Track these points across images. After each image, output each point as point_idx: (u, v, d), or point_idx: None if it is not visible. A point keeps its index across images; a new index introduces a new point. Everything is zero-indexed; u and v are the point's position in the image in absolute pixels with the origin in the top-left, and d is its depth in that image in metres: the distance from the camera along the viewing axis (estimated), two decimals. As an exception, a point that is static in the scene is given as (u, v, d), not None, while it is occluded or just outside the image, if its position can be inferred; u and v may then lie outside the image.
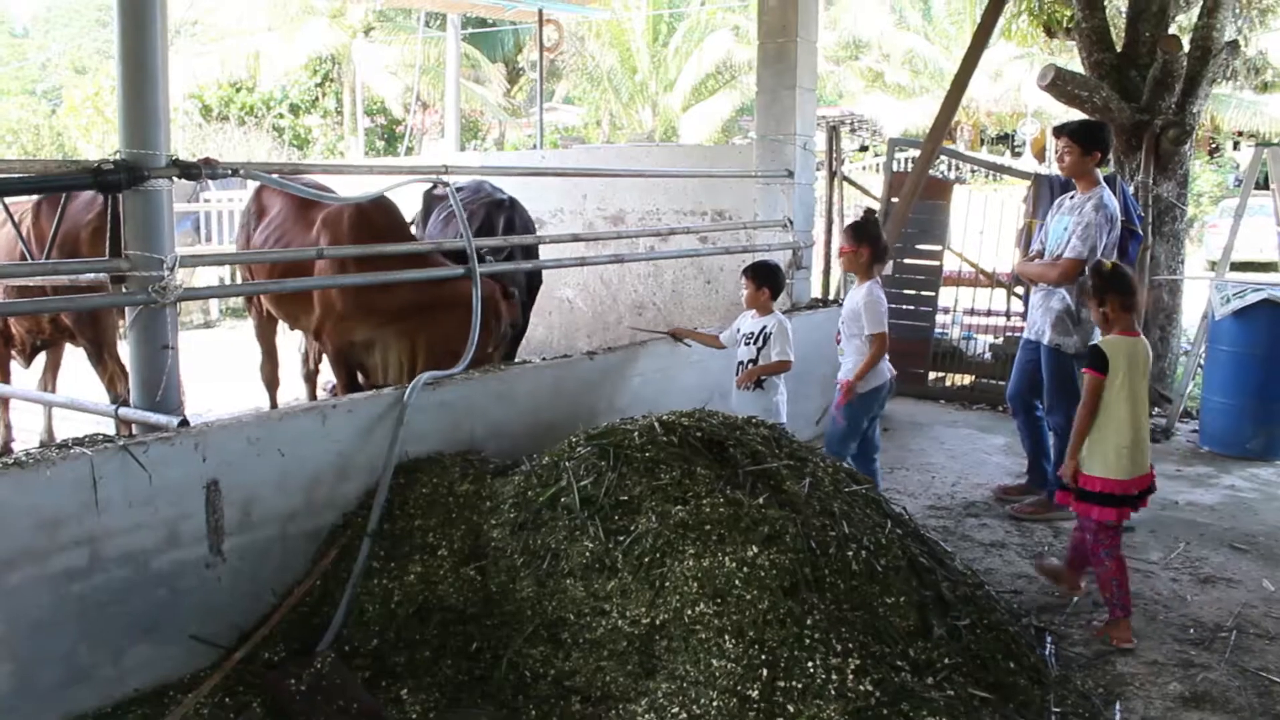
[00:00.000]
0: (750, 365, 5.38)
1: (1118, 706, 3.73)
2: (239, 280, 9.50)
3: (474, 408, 4.73)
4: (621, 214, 9.51)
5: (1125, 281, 4.46)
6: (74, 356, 7.28)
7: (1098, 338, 5.75)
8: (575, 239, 6.72)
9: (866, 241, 5.40)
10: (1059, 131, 5.93)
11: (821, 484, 4.05)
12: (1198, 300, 8.89)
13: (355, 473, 4.17)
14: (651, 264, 9.32)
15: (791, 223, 7.69)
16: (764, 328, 5.38)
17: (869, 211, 5.64)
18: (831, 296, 8.77)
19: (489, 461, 4.49)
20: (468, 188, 7.16)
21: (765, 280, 5.49)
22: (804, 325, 6.57)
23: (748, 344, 5.44)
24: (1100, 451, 4.34)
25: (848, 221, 6.25)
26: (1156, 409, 8.39)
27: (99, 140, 23.59)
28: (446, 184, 5.35)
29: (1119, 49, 8.80)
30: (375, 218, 5.91)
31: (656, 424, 4.10)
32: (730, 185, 8.52)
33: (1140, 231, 7.77)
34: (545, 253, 7.68)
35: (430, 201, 7.73)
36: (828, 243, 9.19)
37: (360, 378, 6.19)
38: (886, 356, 5.40)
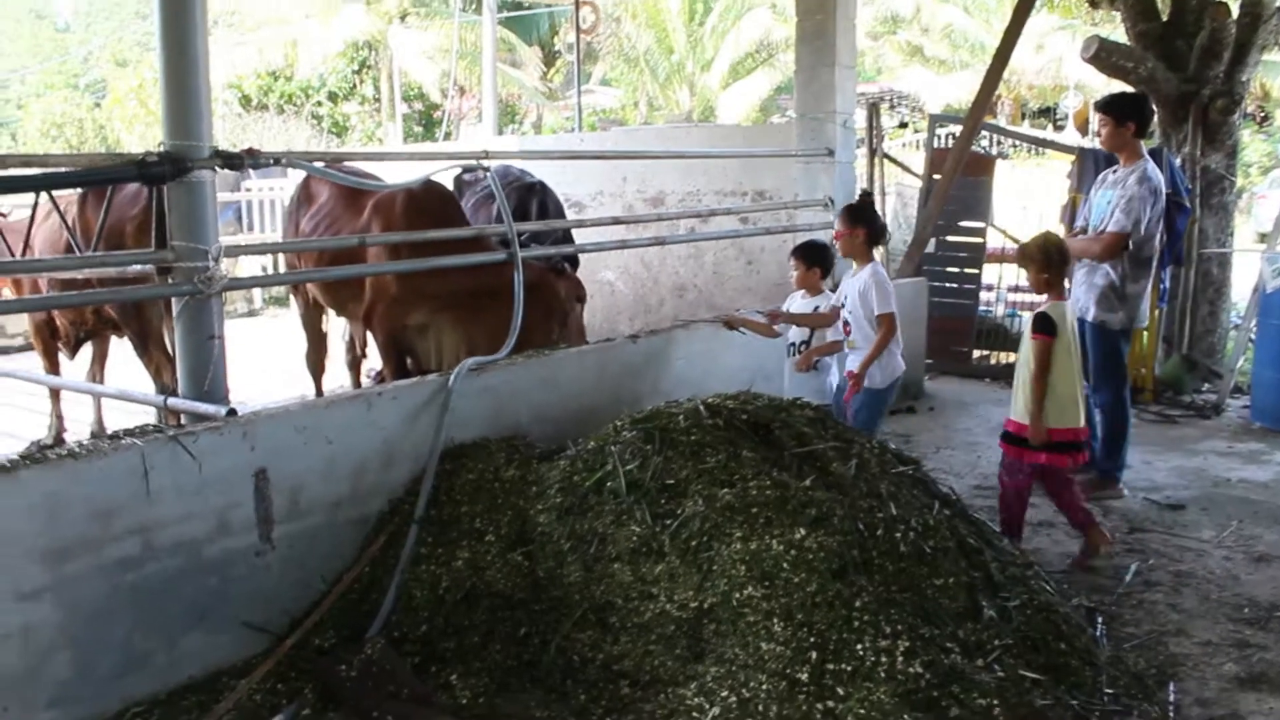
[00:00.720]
0: (804, 346, 5.38)
1: (1171, 687, 3.68)
2: (282, 268, 9.57)
3: (518, 393, 4.74)
4: (661, 196, 9.50)
5: (1067, 254, 4.93)
6: (119, 347, 7.37)
7: (1143, 314, 5.71)
8: (616, 221, 6.74)
9: (862, 223, 5.33)
10: (1095, 106, 5.87)
11: (868, 465, 4.03)
12: (1247, 274, 8.75)
13: (401, 459, 4.20)
14: (692, 245, 9.30)
15: (833, 202, 7.64)
16: (816, 308, 5.36)
17: (865, 193, 5.59)
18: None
19: (534, 446, 4.51)
20: (495, 172, 7.19)
21: (815, 260, 5.46)
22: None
23: (799, 325, 5.44)
24: (1056, 405, 4.74)
25: (851, 203, 6.09)
26: (1206, 384, 8.27)
27: (142, 132, 23.83)
28: (486, 169, 5.36)
29: (1164, 18, 8.65)
30: (428, 203, 5.94)
31: (701, 407, 4.09)
32: (770, 165, 8.47)
33: (1188, 204, 7.65)
34: (585, 236, 7.68)
35: (460, 186, 7.76)
36: (869, 221, 9.15)
37: (409, 364, 6.23)
38: (900, 345, 5.32)
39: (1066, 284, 5.01)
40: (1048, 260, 4.82)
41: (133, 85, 24.50)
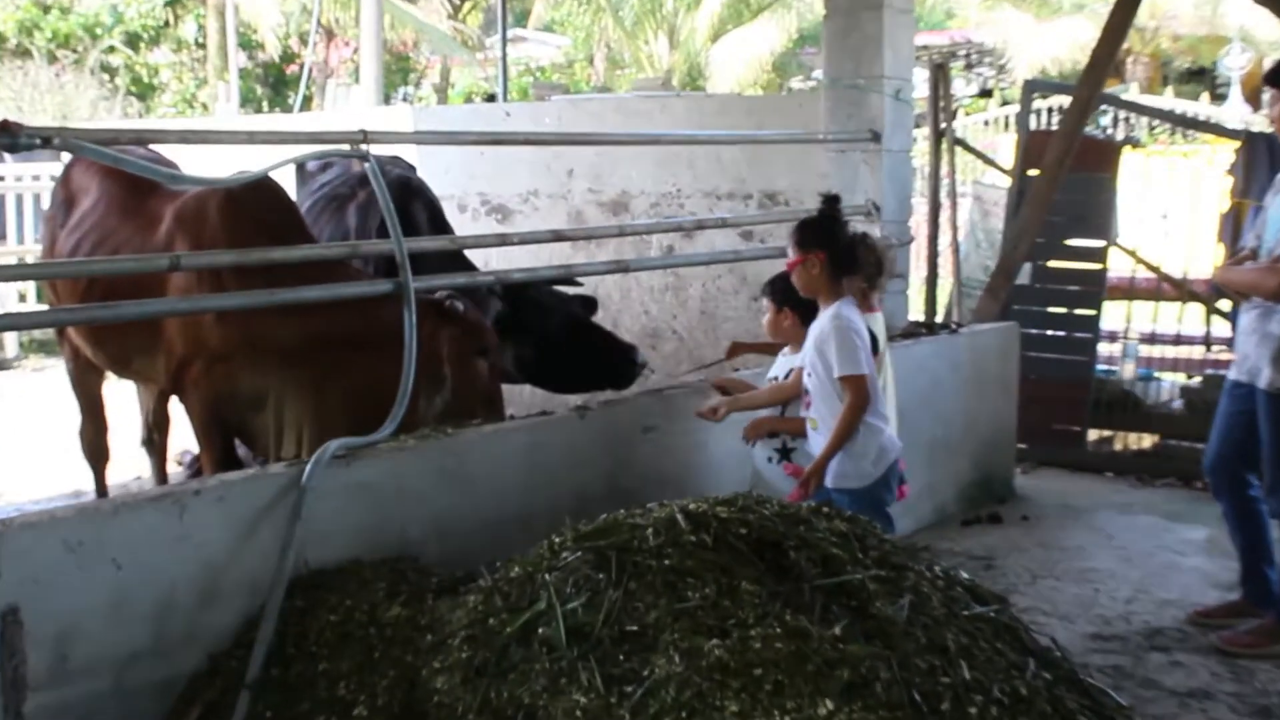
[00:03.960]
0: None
1: None
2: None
3: (408, 492, 4.75)
4: (625, 199, 9.55)
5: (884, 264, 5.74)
6: None
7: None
8: (557, 237, 6.75)
9: (817, 244, 5.32)
10: (1267, 78, 5.90)
11: (928, 604, 4.04)
12: None
13: (228, 593, 4.18)
14: (671, 273, 9.34)
15: (878, 209, 7.70)
16: (776, 378, 5.45)
17: (828, 201, 5.50)
18: (941, 318, 8.80)
19: (430, 573, 4.50)
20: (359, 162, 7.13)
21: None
22: (899, 362, 6.57)
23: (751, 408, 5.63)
24: None
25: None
26: None
27: None
28: (366, 158, 5.40)
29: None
30: (258, 210, 5.95)
31: (680, 516, 4.09)
32: (787, 155, 8.54)
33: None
34: (512, 258, 7.71)
35: (302, 179, 7.74)
36: (932, 237, 9.22)
37: (241, 450, 6.20)
38: (887, 418, 5.36)
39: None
40: (872, 268, 5.58)
41: None
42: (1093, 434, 9.22)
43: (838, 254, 5.33)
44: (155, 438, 7.49)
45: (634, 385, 6.64)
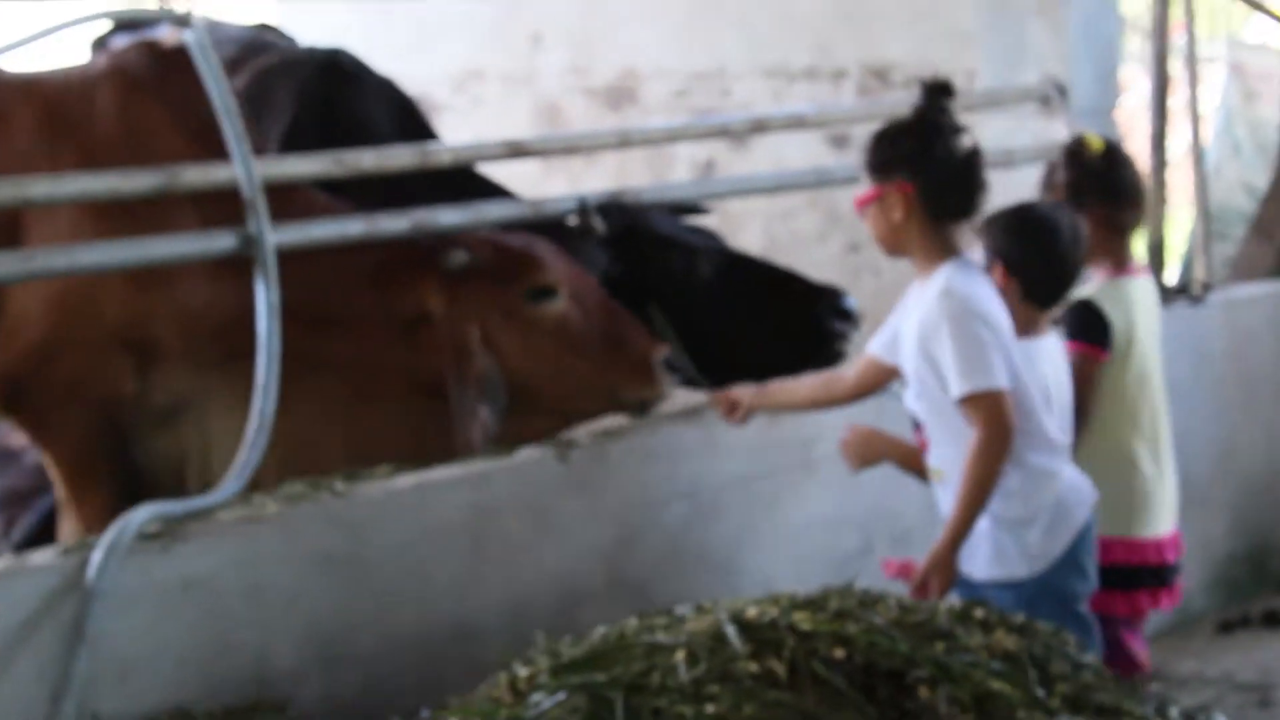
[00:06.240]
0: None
1: None
2: None
3: (270, 592, 4.75)
4: (629, 82, 9.59)
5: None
6: None
7: None
8: (514, 152, 6.75)
9: (902, 167, 5.21)
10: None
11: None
12: None
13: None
14: (713, 206, 9.36)
15: (1063, 92, 7.73)
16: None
17: (931, 92, 5.32)
18: (1175, 275, 8.83)
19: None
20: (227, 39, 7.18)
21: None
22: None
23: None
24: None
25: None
26: None
27: None
28: (185, 21, 5.42)
29: None
30: (186, 95, 5.93)
31: (732, 629, 4.09)
32: (904, 4, 8.57)
33: None
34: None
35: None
36: (1158, 137, 9.22)
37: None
38: (1062, 451, 5.38)
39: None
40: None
41: None
42: None
43: (937, 183, 5.24)
44: None
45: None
